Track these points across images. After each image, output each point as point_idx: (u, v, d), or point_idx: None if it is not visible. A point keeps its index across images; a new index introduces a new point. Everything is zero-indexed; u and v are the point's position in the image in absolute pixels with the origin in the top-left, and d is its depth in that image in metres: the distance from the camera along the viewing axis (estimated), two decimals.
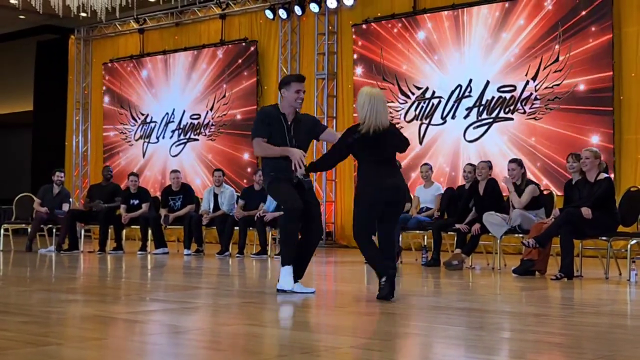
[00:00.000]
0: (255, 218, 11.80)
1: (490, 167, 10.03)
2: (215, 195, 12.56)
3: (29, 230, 13.26)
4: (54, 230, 13.15)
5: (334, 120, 15.24)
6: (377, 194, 6.33)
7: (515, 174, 9.46)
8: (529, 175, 10.16)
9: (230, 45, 16.71)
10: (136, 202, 12.86)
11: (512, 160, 9.67)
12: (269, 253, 11.77)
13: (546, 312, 6.01)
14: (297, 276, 6.68)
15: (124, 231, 12.97)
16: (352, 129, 6.48)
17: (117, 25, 18.76)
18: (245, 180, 15.73)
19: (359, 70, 14.75)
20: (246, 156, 16.23)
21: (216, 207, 12.50)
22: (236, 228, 12.09)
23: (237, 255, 11.79)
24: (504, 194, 9.91)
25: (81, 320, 5.39)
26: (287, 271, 6.59)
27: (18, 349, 4.15)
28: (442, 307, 6.08)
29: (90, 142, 19.50)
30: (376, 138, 6.34)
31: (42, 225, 13.19)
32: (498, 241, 9.54)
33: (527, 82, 12.78)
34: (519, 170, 9.48)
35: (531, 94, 12.74)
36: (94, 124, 19.43)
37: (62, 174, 13.50)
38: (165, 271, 9.79)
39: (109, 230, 12.80)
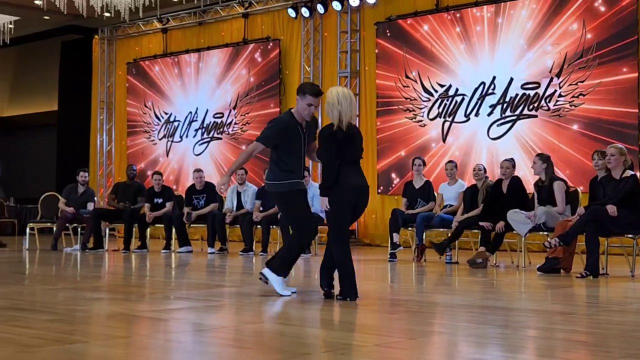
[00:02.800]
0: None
1: (514, 165, 9.97)
2: (239, 194, 12.60)
3: (55, 229, 13.35)
4: (79, 229, 13.24)
5: (357, 119, 15.20)
6: (354, 195, 6.25)
7: (536, 167, 9.42)
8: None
9: (253, 44, 16.73)
10: (160, 200, 12.91)
11: (537, 155, 9.65)
12: None
13: (572, 310, 5.97)
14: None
15: (148, 230, 13.03)
16: (329, 130, 6.23)
17: (141, 25, 18.84)
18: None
19: (381, 68, 14.71)
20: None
21: (239, 205, 12.53)
22: (259, 226, 12.12)
23: (261, 253, 11.81)
24: (528, 192, 9.87)
25: (106, 319, 5.43)
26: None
27: (44, 346, 4.18)
28: (466, 305, 6.05)
29: (114, 141, 19.60)
30: (353, 137, 6.28)
31: (67, 224, 13.28)
32: (522, 239, 9.49)
33: (551, 79, 12.70)
34: (540, 164, 9.41)
35: (555, 90, 12.65)
36: (118, 123, 19.53)
37: (86, 174, 13.57)
38: (189, 269, 9.83)
39: (134, 229, 12.87)
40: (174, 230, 12.60)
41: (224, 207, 12.74)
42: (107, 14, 17.66)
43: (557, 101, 12.61)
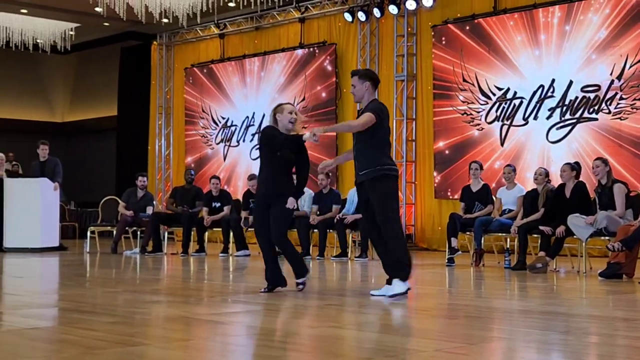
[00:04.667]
0: (335, 220, 11.83)
1: (573, 169, 9.80)
2: None
3: (114, 232, 13.54)
4: (139, 233, 13.41)
5: (414, 122, 15.13)
6: None
7: (599, 171, 9.28)
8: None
9: (309, 49, 16.77)
10: (218, 204, 13.02)
11: (597, 158, 9.52)
12: (349, 255, 11.76)
13: (635, 316, 5.86)
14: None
15: (206, 233, 13.14)
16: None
17: (198, 31, 19.01)
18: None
19: (438, 71, 14.62)
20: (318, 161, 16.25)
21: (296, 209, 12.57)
22: (316, 230, 12.14)
23: (318, 257, 11.83)
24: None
25: (166, 321, 5.48)
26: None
27: (108, 348, 4.24)
28: (526, 311, 5.98)
29: (172, 146, 19.81)
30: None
31: (126, 228, 13.46)
32: (583, 244, 9.35)
33: (612, 82, 12.48)
34: (603, 167, 9.28)
35: (616, 93, 12.43)
36: (176, 128, 19.72)
37: (145, 178, 13.76)
38: (246, 273, 9.88)
39: (192, 233, 12.99)
40: (231, 234, 12.68)
41: None
42: (165, 20, 17.87)
43: (618, 104, 12.39)
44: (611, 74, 12.46)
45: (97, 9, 17.56)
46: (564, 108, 13.02)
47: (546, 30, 13.28)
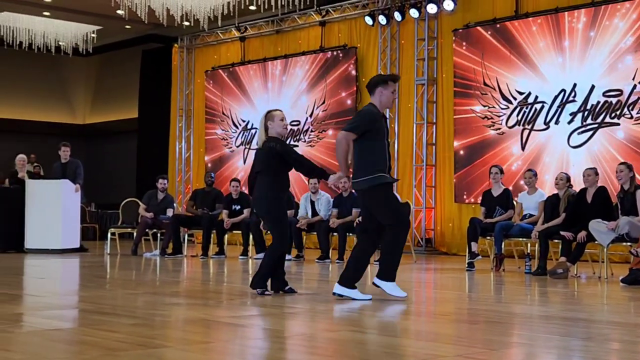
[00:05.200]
0: (355, 224, 11.81)
1: (597, 174, 9.76)
2: (312, 202, 12.65)
3: (135, 234, 13.60)
4: (159, 235, 13.45)
5: (434, 126, 15.10)
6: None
7: (622, 176, 9.22)
8: None
9: (329, 52, 16.77)
10: (238, 207, 13.04)
11: (622, 163, 9.46)
12: None
13: None
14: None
15: (226, 236, 13.16)
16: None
17: (219, 34, 19.06)
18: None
19: (459, 75, 14.58)
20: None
21: (314, 213, 12.59)
22: (335, 234, 12.14)
23: (337, 261, 11.81)
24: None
25: (185, 323, 5.50)
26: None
27: (128, 350, 4.26)
28: (547, 317, 5.95)
29: (192, 148, 19.87)
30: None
31: (147, 230, 13.51)
32: (605, 249, 9.29)
33: (635, 86, 12.40)
34: (627, 172, 9.22)
35: (638, 98, 12.35)
36: (197, 131, 19.79)
37: (166, 181, 13.80)
38: None
39: (212, 235, 13.01)
40: (251, 236, 12.70)
41: (298, 214, 12.81)
42: (186, 23, 17.93)
43: None
44: (633, 79, 12.38)
45: (118, 11, 17.66)
46: (586, 113, 12.94)
47: (570, 35, 13.18)
